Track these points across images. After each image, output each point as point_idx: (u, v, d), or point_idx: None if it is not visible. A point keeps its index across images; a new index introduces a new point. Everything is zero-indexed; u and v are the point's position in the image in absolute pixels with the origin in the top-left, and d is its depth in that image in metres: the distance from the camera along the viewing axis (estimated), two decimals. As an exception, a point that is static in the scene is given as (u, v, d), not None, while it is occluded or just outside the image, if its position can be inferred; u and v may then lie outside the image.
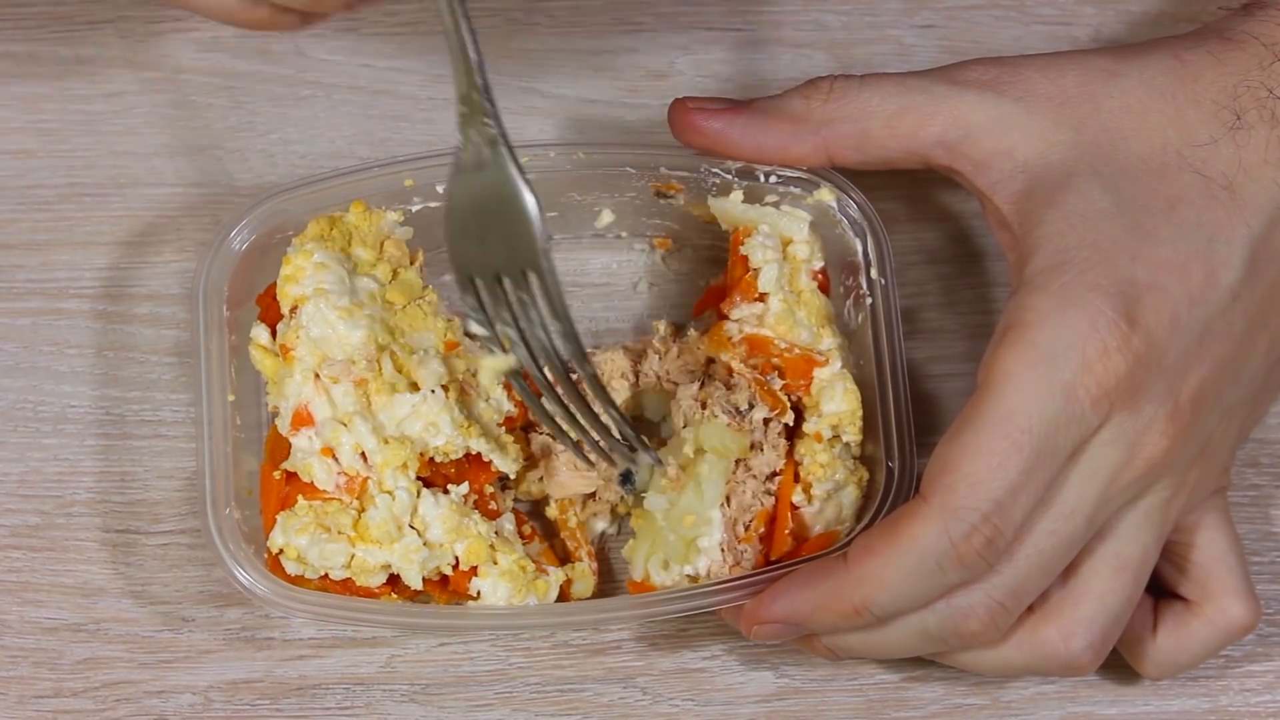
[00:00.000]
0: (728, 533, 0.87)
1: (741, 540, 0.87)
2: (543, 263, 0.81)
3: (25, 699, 0.90)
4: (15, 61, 1.00)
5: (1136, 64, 0.85)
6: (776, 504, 0.88)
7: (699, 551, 0.87)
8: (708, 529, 0.87)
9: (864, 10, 1.02)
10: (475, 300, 0.83)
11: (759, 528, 0.88)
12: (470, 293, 0.83)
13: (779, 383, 0.89)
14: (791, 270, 0.91)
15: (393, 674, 0.91)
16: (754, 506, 0.88)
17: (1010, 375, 0.79)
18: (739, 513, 0.88)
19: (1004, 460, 0.78)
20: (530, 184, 0.81)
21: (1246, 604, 0.86)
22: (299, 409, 0.87)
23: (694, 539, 0.87)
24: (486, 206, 0.81)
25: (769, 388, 0.89)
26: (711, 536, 0.87)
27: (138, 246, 0.97)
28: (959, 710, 0.91)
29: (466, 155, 0.81)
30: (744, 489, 0.88)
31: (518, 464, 0.89)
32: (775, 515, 0.88)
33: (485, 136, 0.81)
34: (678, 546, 0.88)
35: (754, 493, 0.88)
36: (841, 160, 0.88)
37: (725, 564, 0.87)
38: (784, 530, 0.87)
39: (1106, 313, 0.79)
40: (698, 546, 0.87)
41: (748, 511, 0.88)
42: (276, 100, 1.00)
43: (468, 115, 0.81)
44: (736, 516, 0.88)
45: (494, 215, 0.81)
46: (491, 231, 0.82)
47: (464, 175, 0.82)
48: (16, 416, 0.95)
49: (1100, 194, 0.82)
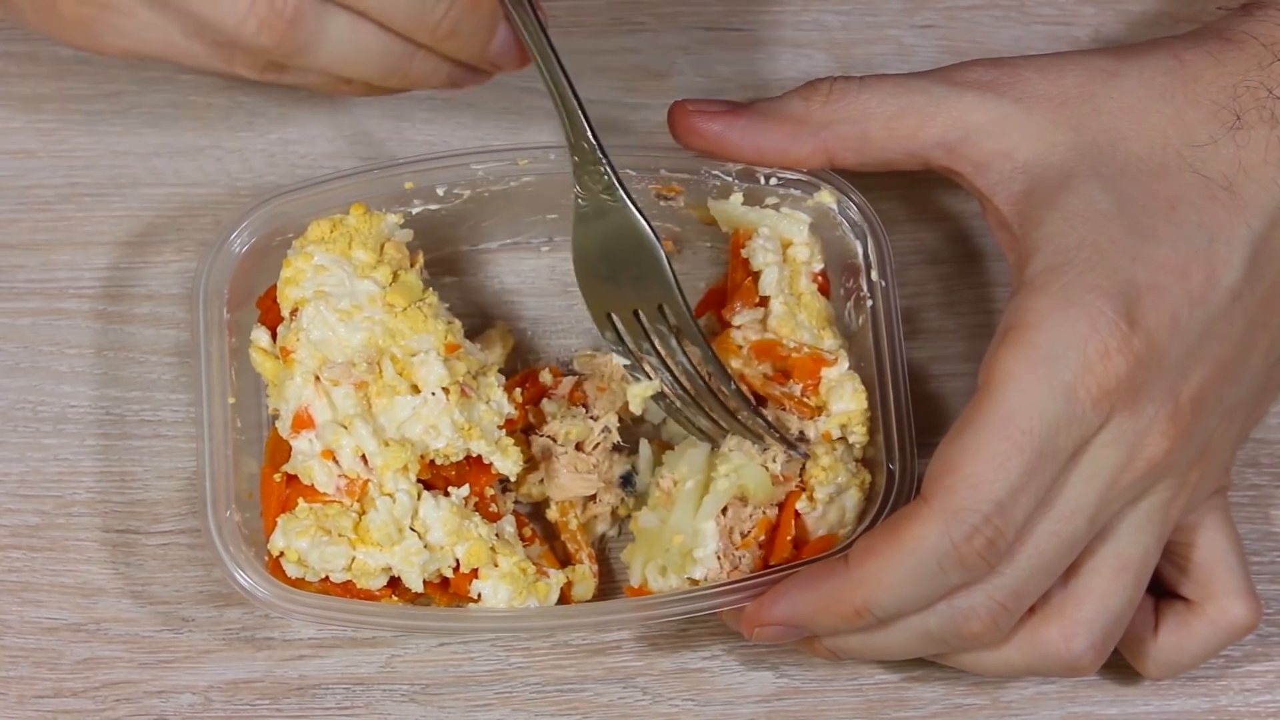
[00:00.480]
0: (724, 540, 0.87)
1: (740, 546, 0.87)
2: (676, 295, 0.86)
3: (25, 699, 0.90)
4: (15, 61, 1.00)
5: (1136, 64, 0.85)
6: (780, 512, 0.88)
7: (695, 561, 0.87)
8: (701, 540, 0.87)
9: (864, 10, 1.02)
10: (616, 334, 0.88)
11: (759, 535, 0.88)
12: (610, 328, 0.88)
13: (797, 387, 0.89)
14: (792, 273, 0.91)
15: (393, 674, 0.91)
16: (755, 515, 0.88)
17: (1011, 376, 0.79)
18: (736, 521, 0.87)
19: (1005, 461, 0.78)
20: (651, 224, 0.86)
21: (1248, 604, 0.86)
22: (299, 411, 0.87)
23: (690, 549, 0.87)
24: (613, 249, 0.86)
25: (797, 399, 0.89)
26: (706, 547, 0.87)
27: (138, 246, 0.97)
28: (959, 710, 0.91)
29: (586, 203, 0.86)
30: (748, 504, 0.88)
31: (518, 466, 0.89)
32: (778, 523, 0.88)
33: (601, 184, 0.85)
34: (675, 554, 0.88)
35: (757, 505, 0.88)
36: (841, 162, 0.88)
37: (723, 570, 0.87)
38: (785, 537, 0.87)
39: (1107, 313, 0.79)
40: (694, 557, 0.87)
41: (747, 521, 0.88)
42: (276, 100, 1.00)
43: (580, 164, 0.85)
44: (734, 525, 0.87)
45: (621, 256, 0.86)
46: (622, 271, 0.87)
47: (586, 223, 0.86)
48: (16, 416, 0.95)
49: (1100, 194, 0.82)
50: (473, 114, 1.00)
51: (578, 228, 0.87)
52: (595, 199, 0.86)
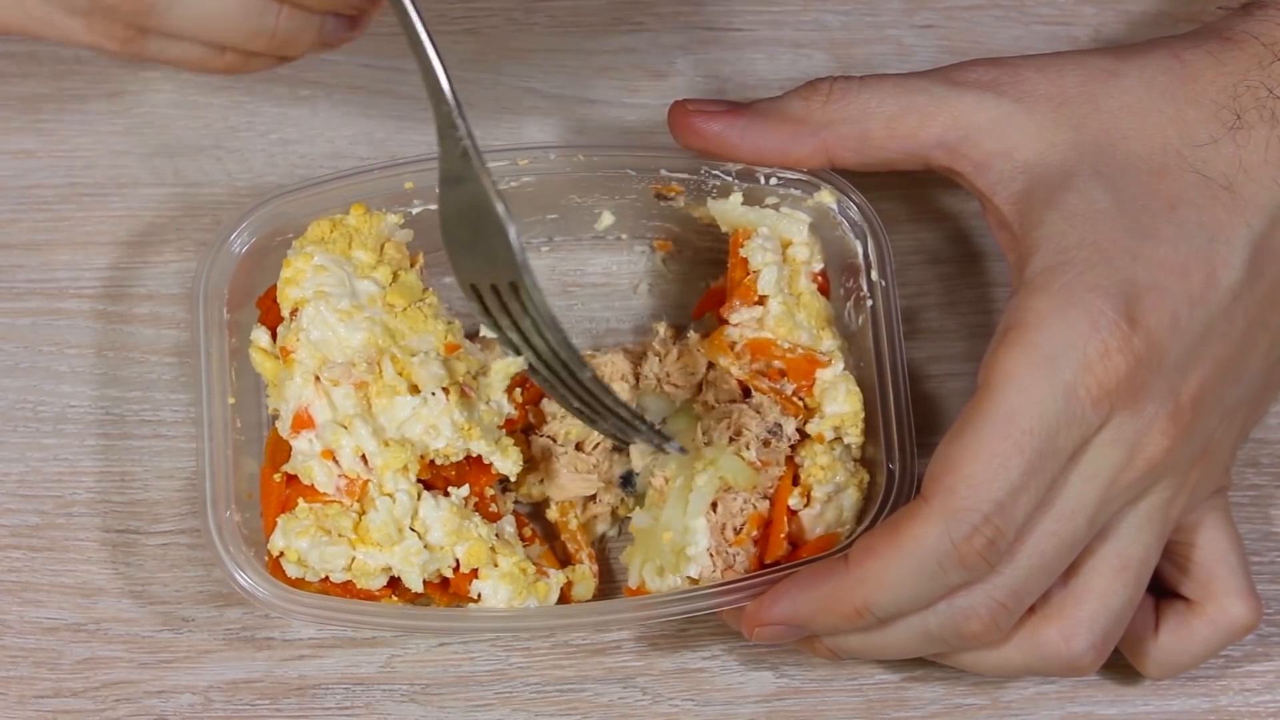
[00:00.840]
0: (715, 537, 0.87)
1: (733, 543, 0.87)
2: (524, 277, 0.81)
3: (25, 699, 0.90)
4: (15, 61, 1.00)
5: (1136, 64, 0.85)
6: (772, 507, 0.88)
7: (689, 559, 0.87)
8: (692, 537, 0.87)
9: (864, 10, 1.02)
10: (480, 306, 0.84)
11: (751, 531, 0.88)
12: (474, 298, 0.84)
13: (790, 387, 0.89)
14: (791, 272, 0.91)
15: (393, 674, 0.91)
16: (745, 510, 0.88)
17: (1011, 376, 0.79)
18: (727, 517, 0.88)
19: (1005, 461, 0.78)
20: (502, 196, 0.80)
21: (1248, 603, 0.86)
22: (299, 411, 0.86)
23: (682, 547, 0.87)
24: (469, 218, 0.82)
25: (785, 395, 0.89)
26: (698, 544, 0.87)
27: (138, 246, 0.97)
28: (959, 710, 0.91)
29: (445, 166, 0.82)
30: (736, 497, 0.88)
31: (518, 466, 0.89)
32: (771, 519, 0.88)
33: (458, 149, 0.81)
34: (668, 553, 0.88)
35: (746, 498, 0.88)
36: (841, 162, 0.88)
37: (716, 568, 0.87)
38: (779, 534, 0.87)
39: (1107, 313, 0.79)
40: (687, 554, 0.87)
41: (738, 516, 0.88)
42: (276, 100, 1.00)
43: (440, 126, 0.81)
44: (725, 521, 0.88)
45: (476, 227, 0.82)
46: (479, 242, 0.82)
47: (448, 187, 0.82)
48: (16, 416, 0.95)
49: (1100, 194, 0.82)
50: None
51: (442, 190, 0.83)
52: (455, 163, 0.81)
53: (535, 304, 0.82)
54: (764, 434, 0.88)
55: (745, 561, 0.87)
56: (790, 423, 0.89)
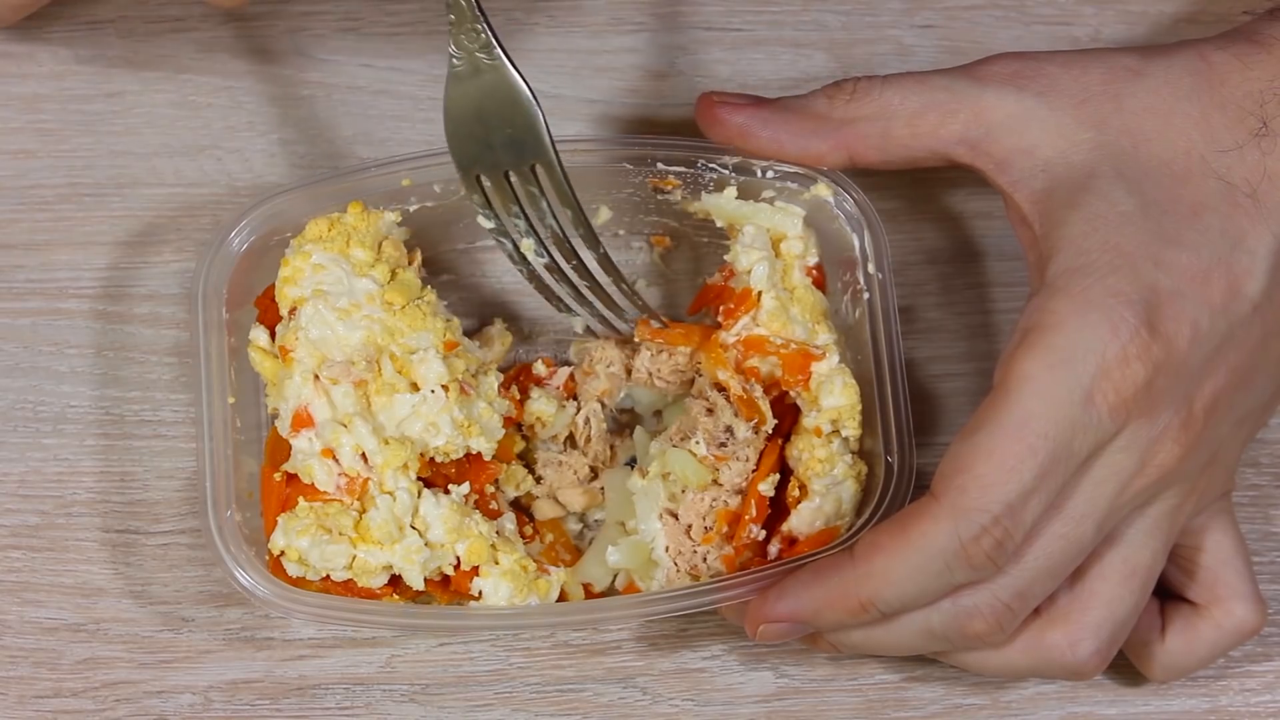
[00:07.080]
0: (677, 538, 0.87)
1: (701, 542, 0.87)
2: (551, 156, 0.86)
3: (25, 699, 0.90)
4: (15, 61, 1.00)
5: (1162, 64, 0.85)
6: (742, 500, 0.88)
7: (655, 564, 0.87)
8: (652, 539, 0.87)
9: (864, 10, 1.02)
10: (482, 197, 0.87)
11: (721, 528, 0.87)
12: (477, 190, 0.87)
13: (758, 389, 0.89)
14: (784, 266, 0.90)
15: (393, 674, 0.91)
16: (713, 506, 0.88)
17: (1028, 378, 0.79)
18: (693, 516, 0.88)
19: (1018, 464, 0.78)
20: (529, 82, 0.85)
21: (1253, 607, 0.86)
22: (299, 410, 0.87)
23: (649, 552, 0.88)
24: (487, 109, 0.86)
25: (749, 398, 0.88)
26: (657, 547, 0.87)
27: (138, 246, 0.97)
28: (959, 710, 0.91)
29: (461, 62, 0.85)
30: (702, 497, 0.88)
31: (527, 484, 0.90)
32: (740, 510, 0.88)
33: (478, 42, 0.84)
34: (638, 560, 0.88)
35: (713, 497, 0.88)
36: (864, 159, 0.88)
37: (679, 570, 0.87)
38: (744, 529, 0.87)
39: (1128, 319, 0.79)
40: (653, 559, 0.87)
41: (705, 516, 0.88)
42: (276, 100, 1.00)
43: (456, 23, 0.84)
44: (691, 521, 0.88)
45: (496, 116, 0.85)
46: (495, 132, 0.86)
47: (460, 83, 0.85)
48: (16, 416, 0.95)
49: (1123, 196, 0.82)
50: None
51: (451, 87, 0.86)
52: (471, 58, 0.85)
53: (560, 180, 0.86)
54: (719, 434, 0.88)
55: (717, 559, 0.87)
56: (743, 426, 0.88)
